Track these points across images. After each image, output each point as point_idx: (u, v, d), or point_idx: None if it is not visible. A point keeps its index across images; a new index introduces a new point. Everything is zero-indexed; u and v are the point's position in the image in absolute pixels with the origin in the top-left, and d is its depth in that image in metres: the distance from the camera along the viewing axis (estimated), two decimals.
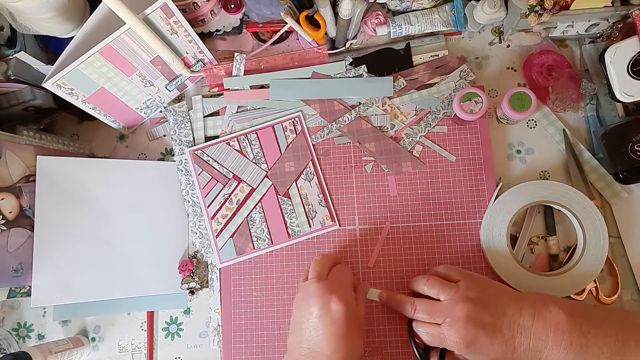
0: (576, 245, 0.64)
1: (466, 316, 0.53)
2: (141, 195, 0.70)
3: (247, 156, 0.71)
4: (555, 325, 0.51)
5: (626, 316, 0.55)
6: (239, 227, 0.69)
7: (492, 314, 0.53)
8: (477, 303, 0.53)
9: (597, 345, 0.50)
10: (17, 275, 0.63)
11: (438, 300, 0.57)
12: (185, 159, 0.72)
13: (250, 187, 0.70)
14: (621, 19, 0.63)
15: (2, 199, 0.62)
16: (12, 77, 0.64)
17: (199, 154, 0.72)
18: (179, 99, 0.75)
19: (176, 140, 0.73)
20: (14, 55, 0.64)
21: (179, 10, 0.63)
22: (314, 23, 0.69)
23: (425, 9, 0.72)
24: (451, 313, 0.54)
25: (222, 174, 0.71)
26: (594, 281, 0.62)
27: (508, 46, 0.72)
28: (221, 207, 0.70)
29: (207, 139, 0.73)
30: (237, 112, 0.73)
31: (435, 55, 0.72)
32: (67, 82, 0.63)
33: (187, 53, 0.69)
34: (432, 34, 0.73)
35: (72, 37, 0.63)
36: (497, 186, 0.67)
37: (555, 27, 0.66)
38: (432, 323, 0.56)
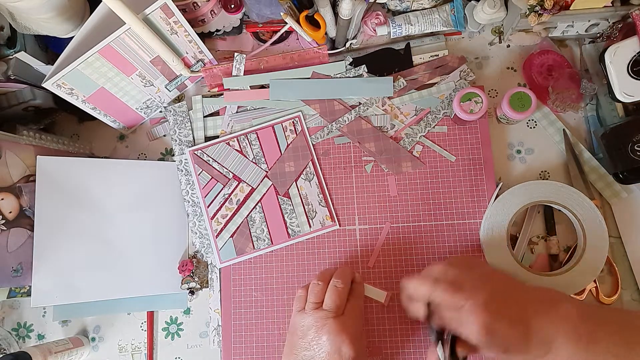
0: (576, 245, 0.64)
1: (485, 304, 0.51)
2: (141, 195, 0.70)
3: (247, 156, 0.71)
4: (567, 320, 0.51)
5: (629, 317, 0.55)
6: (239, 227, 0.69)
7: (511, 304, 0.52)
8: (495, 294, 0.52)
9: (604, 343, 0.50)
10: (17, 275, 0.63)
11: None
12: (185, 159, 0.72)
13: (250, 187, 0.70)
14: (621, 19, 0.63)
15: (2, 199, 0.62)
16: (12, 77, 0.64)
17: (199, 154, 0.72)
18: (179, 99, 0.75)
19: (176, 140, 0.73)
20: (14, 55, 0.64)
21: (179, 10, 0.63)
22: (314, 23, 0.69)
23: (425, 9, 0.72)
24: (473, 297, 0.52)
25: (222, 174, 0.71)
26: (594, 281, 0.62)
27: (508, 46, 0.72)
28: (221, 207, 0.70)
29: (207, 139, 0.73)
30: (237, 112, 0.73)
31: (435, 55, 0.72)
32: (67, 82, 0.63)
33: (187, 53, 0.69)
34: (432, 34, 0.73)
35: (72, 37, 0.63)
36: (497, 186, 0.67)
37: (555, 27, 0.66)
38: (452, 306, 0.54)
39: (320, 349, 0.54)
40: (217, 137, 0.73)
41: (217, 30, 0.75)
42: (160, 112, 0.76)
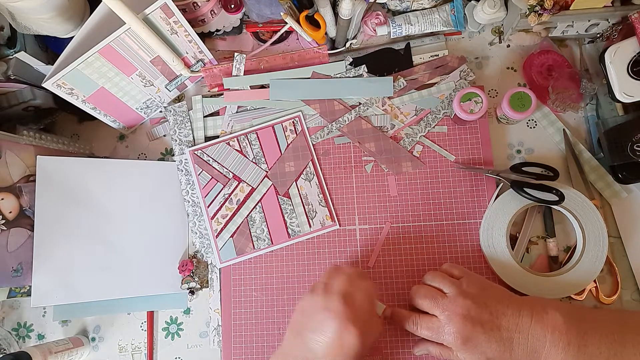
0: (576, 245, 0.64)
1: (465, 312, 0.53)
2: (141, 195, 0.70)
3: (247, 156, 0.71)
4: (553, 327, 0.51)
5: (623, 317, 0.55)
6: (239, 227, 0.69)
7: (491, 312, 0.53)
8: (477, 301, 0.54)
9: (595, 345, 0.51)
10: (17, 275, 0.63)
11: (441, 292, 0.57)
12: (185, 159, 0.72)
13: (250, 187, 0.70)
14: (620, 19, 0.63)
15: (2, 199, 0.62)
16: (12, 77, 0.64)
17: (199, 154, 0.72)
18: (179, 99, 0.75)
19: (176, 140, 0.73)
20: (14, 55, 0.64)
21: (179, 10, 0.63)
22: (314, 23, 0.69)
23: (425, 9, 0.72)
24: (451, 307, 0.54)
25: (222, 174, 0.71)
26: (594, 281, 0.62)
27: (508, 46, 0.72)
28: (221, 207, 0.70)
29: (207, 139, 0.73)
30: (237, 112, 0.73)
31: (435, 55, 0.72)
32: (67, 82, 0.63)
33: (187, 53, 0.69)
34: (432, 34, 0.73)
35: (72, 37, 0.63)
36: (497, 186, 0.67)
37: (555, 27, 0.66)
38: (432, 316, 0.56)
39: (325, 331, 0.51)
40: (217, 137, 0.73)
41: (217, 30, 0.75)
42: (160, 112, 0.76)
